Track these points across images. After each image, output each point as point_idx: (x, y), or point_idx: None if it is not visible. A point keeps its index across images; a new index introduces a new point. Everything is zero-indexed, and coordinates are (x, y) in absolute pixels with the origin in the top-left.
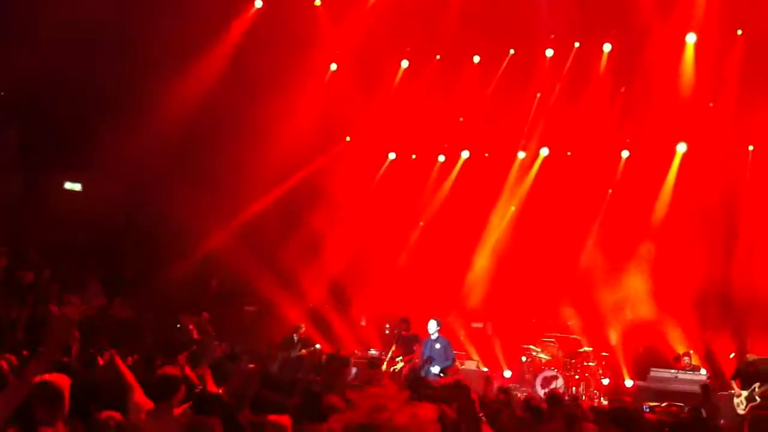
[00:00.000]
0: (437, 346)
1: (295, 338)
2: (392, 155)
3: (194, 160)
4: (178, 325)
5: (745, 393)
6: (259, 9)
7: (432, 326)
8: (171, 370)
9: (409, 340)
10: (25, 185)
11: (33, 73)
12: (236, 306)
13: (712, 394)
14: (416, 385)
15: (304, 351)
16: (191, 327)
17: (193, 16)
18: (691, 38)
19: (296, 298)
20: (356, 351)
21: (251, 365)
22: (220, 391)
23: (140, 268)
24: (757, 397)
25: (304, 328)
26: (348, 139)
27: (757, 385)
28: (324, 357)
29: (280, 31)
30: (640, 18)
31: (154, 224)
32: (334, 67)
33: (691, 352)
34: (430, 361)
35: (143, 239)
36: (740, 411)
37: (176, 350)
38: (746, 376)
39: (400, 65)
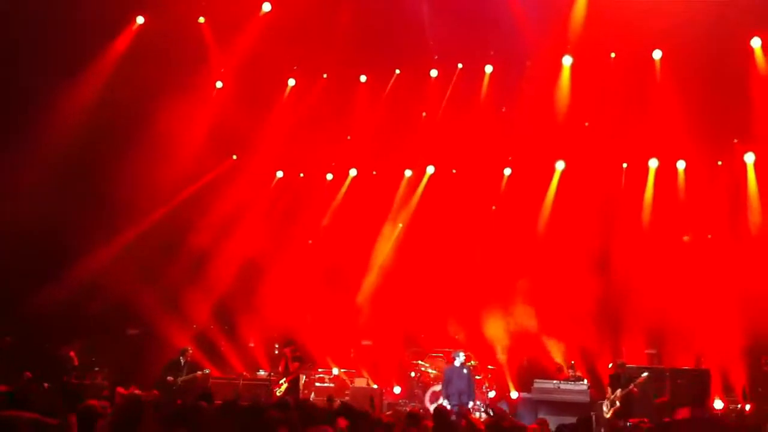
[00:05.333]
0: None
1: (182, 361)
2: (280, 173)
3: (76, 177)
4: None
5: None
6: (141, 25)
7: (459, 358)
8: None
9: (294, 362)
10: None
11: None
12: (118, 329)
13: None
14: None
15: (199, 373)
16: (72, 354)
17: (75, 30)
18: (567, 60)
19: (181, 320)
20: (244, 373)
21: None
22: None
23: (15, 290)
24: (617, 402)
25: (191, 351)
26: (234, 157)
27: (618, 390)
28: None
29: (163, 48)
30: (518, 41)
31: (31, 244)
32: (219, 84)
33: (573, 362)
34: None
35: (19, 259)
36: (606, 416)
37: (58, 377)
38: (615, 381)
39: (287, 83)
